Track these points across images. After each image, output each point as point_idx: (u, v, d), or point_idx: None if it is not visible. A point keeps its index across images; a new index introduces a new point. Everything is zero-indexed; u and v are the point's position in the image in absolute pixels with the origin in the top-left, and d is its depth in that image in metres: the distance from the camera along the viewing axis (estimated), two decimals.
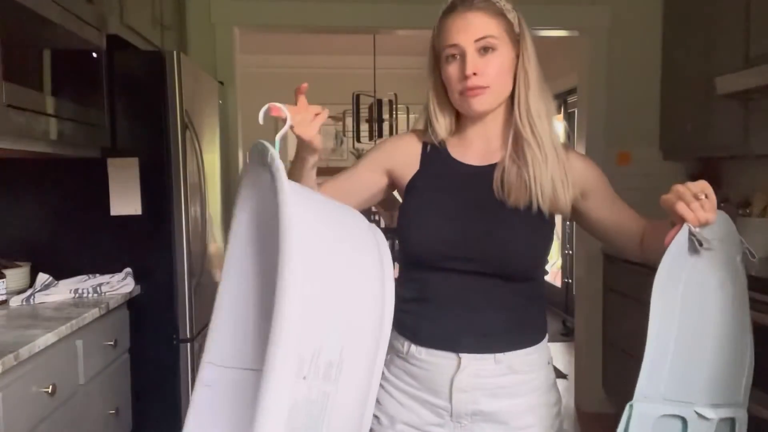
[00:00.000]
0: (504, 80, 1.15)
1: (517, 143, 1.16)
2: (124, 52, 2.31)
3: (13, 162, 2.17)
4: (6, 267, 1.96)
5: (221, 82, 3.11)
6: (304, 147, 1.10)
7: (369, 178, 1.27)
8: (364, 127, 5.23)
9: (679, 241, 0.97)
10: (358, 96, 5.11)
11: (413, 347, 1.17)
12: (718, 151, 2.93)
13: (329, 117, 1.09)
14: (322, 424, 0.84)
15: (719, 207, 1.01)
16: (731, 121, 2.73)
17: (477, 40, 1.12)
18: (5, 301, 1.90)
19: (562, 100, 5.45)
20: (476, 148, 1.21)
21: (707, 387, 1.01)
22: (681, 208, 0.97)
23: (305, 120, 1.05)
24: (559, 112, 5.56)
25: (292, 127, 1.02)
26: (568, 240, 5.38)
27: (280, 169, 0.85)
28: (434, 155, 1.22)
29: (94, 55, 2.08)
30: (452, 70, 1.14)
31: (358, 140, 5.23)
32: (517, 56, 1.16)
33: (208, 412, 1.00)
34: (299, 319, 0.79)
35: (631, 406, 1.00)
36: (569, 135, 4.59)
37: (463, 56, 1.13)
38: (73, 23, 1.90)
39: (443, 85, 1.19)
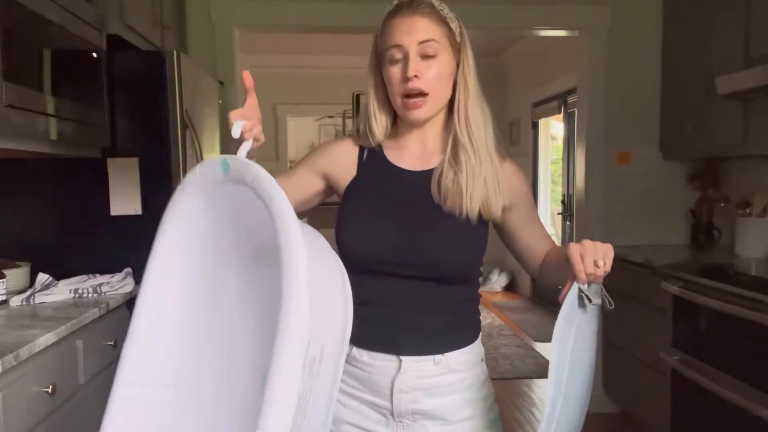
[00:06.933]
0: (444, 87, 1.18)
1: (454, 149, 1.19)
2: (124, 52, 2.31)
3: (13, 162, 2.17)
4: (6, 267, 1.96)
5: (221, 82, 3.11)
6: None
7: (307, 179, 1.29)
8: None
9: (570, 300, 1.06)
10: (358, 96, 5.11)
11: (355, 350, 1.20)
12: (718, 151, 2.92)
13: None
14: (305, 417, 0.89)
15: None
16: (731, 121, 2.73)
17: (420, 43, 1.14)
18: (5, 301, 1.90)
19: (562, 100, 5.45)
20: (413, 152, 1.24)
21: (575, 420, 1.16)
22: (578, 269, 1.04)
23: (257, 132, 1.08)
24: (559, 112, 5.56)
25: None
26: (568, 240, 5.37)
27: (276, 192, 0.91)
28: (371, 160, 1.25)
29: (94, 55, 2.08)
30: (394, 71, 1.17)
31: None
32: (458, 65, 1.20)
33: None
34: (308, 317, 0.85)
35: None
36: (568, 135, 4.57)
37: (406, 58, 1.15)
38: (73, 23, 1.90)
39: (384, 85, 1.22)
